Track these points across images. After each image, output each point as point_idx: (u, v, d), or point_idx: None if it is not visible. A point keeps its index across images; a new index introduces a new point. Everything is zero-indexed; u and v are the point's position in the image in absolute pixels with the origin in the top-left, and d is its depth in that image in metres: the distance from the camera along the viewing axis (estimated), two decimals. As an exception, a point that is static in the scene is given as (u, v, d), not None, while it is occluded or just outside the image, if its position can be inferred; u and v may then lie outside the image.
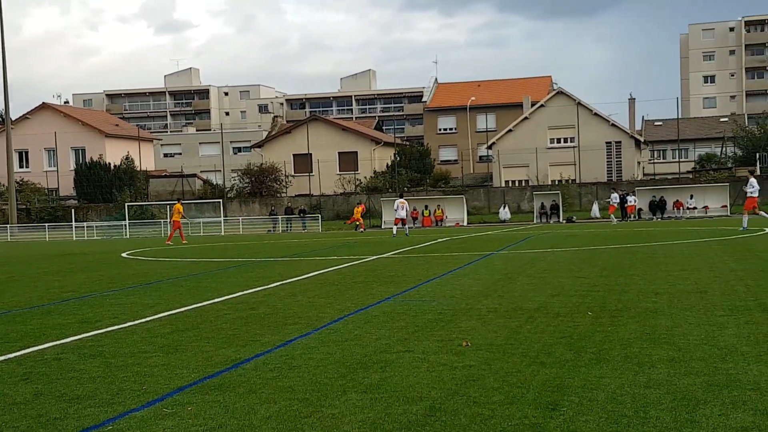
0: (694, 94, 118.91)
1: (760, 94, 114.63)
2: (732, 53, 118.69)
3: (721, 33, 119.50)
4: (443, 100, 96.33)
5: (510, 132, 75.33)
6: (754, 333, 8.44)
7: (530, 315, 10.36)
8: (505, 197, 64.81)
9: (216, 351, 8.70)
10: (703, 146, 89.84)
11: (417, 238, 35.71)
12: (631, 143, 74.71)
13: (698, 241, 24.93)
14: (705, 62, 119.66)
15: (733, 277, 13.67)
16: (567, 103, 74.36)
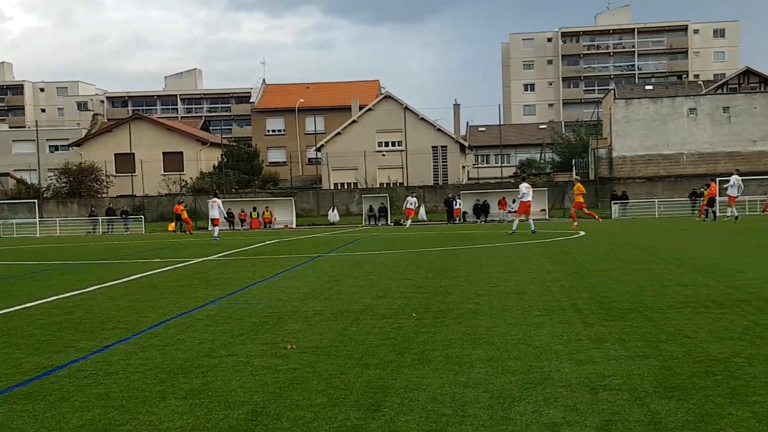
0: (515, 101, 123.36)
1: (575, 103, 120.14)
2: (550, 63, 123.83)
3: (539, 43, 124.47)
4: (271, 102, 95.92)
5: (339, 135, 75.84)
6: (567, 332, 8.78)
7: (356, 317, 10.42)
8: (334, 200, 65.20)
9: (26, 358, 8.29)
10: (523, 152, 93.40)
11: (245, 240, 35.35)
12: (456, 148, 76.70)
13: (519, 243, 25.80)
14: (525, 71, 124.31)
15: (550, 279, 14.21)
16: (394, 107, 75.56)
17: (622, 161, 67.43)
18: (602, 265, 16.43)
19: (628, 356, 7.41)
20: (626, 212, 56.33)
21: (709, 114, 66.66)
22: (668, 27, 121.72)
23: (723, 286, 12.22)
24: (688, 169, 65.70)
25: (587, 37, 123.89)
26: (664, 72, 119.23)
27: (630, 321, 9.36)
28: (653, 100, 68.44)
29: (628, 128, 67.30)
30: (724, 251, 19.39)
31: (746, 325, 8.81)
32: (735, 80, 77.02)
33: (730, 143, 66.30)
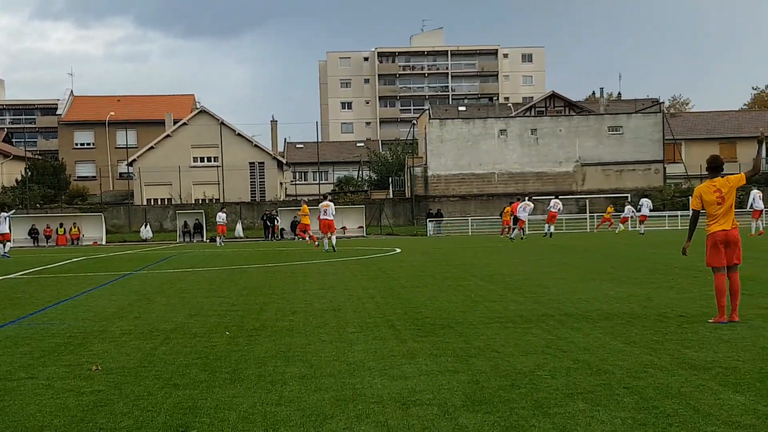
0: (333, 119, 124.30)
1: (392, 122, 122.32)
2: (367, 82, 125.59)
3: (356, 62, 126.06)
4: (80, 114, 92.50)
5: (152, 149, 74.05)
6: (380, 348, 8.86)
7: (166, 336, 10.14)
8: (147, 216, 63.54)
9: None
10: (341, 169, 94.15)
11: (50, 257, 33.84)
12: (274, 164, 76.48)
13: (335, 261, 25.93)
14: (342, 89, 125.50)
15: (365, 295, 14.34)
16: (210, 122, 74.58)
17: (437, 180, 69.19)
18: (416, 282, 16.74)
19: (438, 371, 7.54)
20: (441, 230, 57.78)
21: (518, 135, 69.47)
22: (480, 50, 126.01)
23: (530, 302, 12.69)
24: (499, 188, 68.16)
25: (403, 57, 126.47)
26: (476, 94, 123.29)
27: (441, 336, 9.55)
28: (466, 121, 70.68)
29: (442, 148, 69.15)
30: (532, 268, 20.17)
31: (550, 339, 9.17)
32: (542, 104, 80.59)
33: (537, 164, 69.29)
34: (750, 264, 19.32)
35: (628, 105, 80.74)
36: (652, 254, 24.15)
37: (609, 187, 67.49)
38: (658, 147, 69.74)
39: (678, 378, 7.02)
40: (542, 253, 26.52)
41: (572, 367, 7.55)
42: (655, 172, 69.06)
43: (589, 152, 69.43)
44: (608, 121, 70.45)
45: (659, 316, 10.73)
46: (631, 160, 69.37)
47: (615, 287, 14.58)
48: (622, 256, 23.61)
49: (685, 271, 17.53)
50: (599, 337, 9.25)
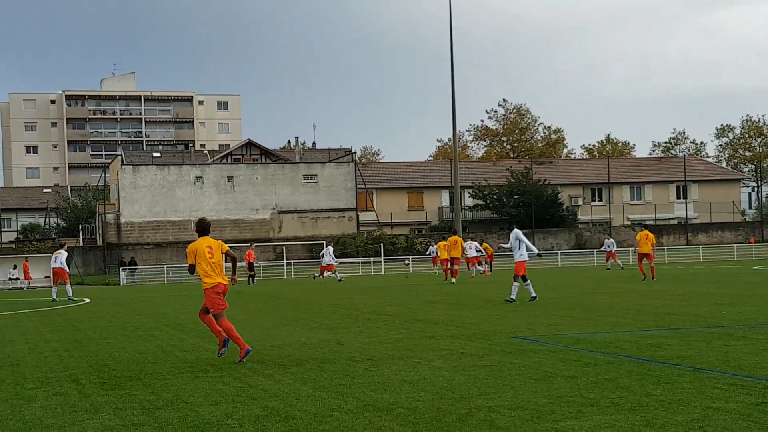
0: (17, 163, 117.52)
1: (83, 167, 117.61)
2: (54, 125, 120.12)
3: (42, 104, 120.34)
4: None
5: None
6: (62, 404, 8.43)
7: None
8: None
9: None
10: (26, 216, 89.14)
11: None
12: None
13: (16, 312, 24.40)
14: (27, 132, 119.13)
15: (48, 348, 13.61)
16: None
17: (131, 227, 67.31)
18: (105, 333, 16.13)
19: (123, 425, 7.30)
20: (135, 278, 56.10)
21: (215, 182, 69.32)
22: (175, 96, 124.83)
23: (221, 349, 12.60)
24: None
25: (93, 101, 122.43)
26: (171, 140, 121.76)
27: (129, 389, 9.25)
28: (161, 168, 69.51)
29: (136, 194, 67.49)
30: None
31: (241, 387, 9.16)
32: (239, 151, 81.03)
33: (234, 211, 69.44)
34: (432, 306, 20.50)
35: (322, 154, 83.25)
36: (344, 300, 24.87)
37: (305, 234, 68.98)
38: (351, 195, 72.36)
39: (363, 420, 7.26)
40: (238, 301, 26.50)
41: (262, 415, 7.59)
42: (349, 219, 71.51)
43: (285, 200, 70.67)
44: (303, 170, 72.19)
45: (348, 360, 11.06)
46: (327, 208, 71.42)
47: (308, 333, 14.87)
48: (315, 303, 24.14)
49: (375, 315, 18.24)
50: (290, 383, 9.37)
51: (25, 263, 52.56)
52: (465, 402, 7.92)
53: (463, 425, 6.97)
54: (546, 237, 72.12)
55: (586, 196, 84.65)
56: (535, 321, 15.59)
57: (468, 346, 12.12)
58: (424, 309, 19.78)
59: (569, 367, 9.85)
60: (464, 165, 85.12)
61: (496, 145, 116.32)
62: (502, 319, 16.18)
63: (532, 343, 12.19)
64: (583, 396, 8.02)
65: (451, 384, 8.94)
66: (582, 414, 7.25)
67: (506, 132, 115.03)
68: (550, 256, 58.93)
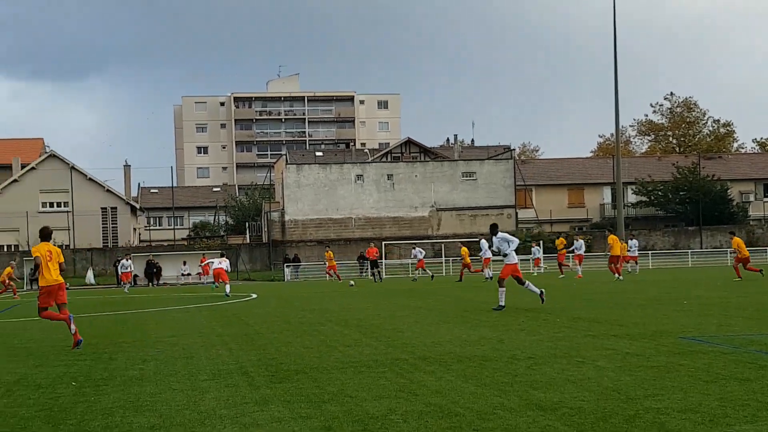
0: (189, 163, 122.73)
1: (249, 167, 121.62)
2: (223, 127, 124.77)
3: (212, 107, 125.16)
4: None
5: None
6: (233, 396, 8.75)
7: (8, 388, 9.73)
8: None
9: None
10: (197, 214, 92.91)
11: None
12: (127, 209, 74.76)
13: (190, 306, 25.49)
14: (198, 134, 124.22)
15: (219, 342, 14.14)
16: (60, 166, 72.42)
17: (294, 224, 69.13)
18: (271, 328, 16.63)
19: (291, 417, 7.51)
20: (298, 275, 57.57)
21: (375, 180, 70.33)
22: (336, 97, 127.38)
23: (384, 346, 12.79)
24: (356, 232, 68.69)
25: (259, 102, 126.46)
26: (333, 139, 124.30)
27: (295, 382, 9.51)
28: (323, 166, 71.09)
29: (300, 193, 69.27)
30: (387, 312, 20.33)
31: (403, 383, 9.26)
32: (398, 149, 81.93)
33: (393, 209, 70.25)
34: (593, 305, 20.12)
35: (480, 152, 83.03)
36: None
37: (464, 231, 68.99)
38: (509, 192, 71.88)
39: (526, 419, 7.21)
40: (398, 298, 26.80)
41: (424, 411, 7.65)
42: (507, 216, 71.04)
43: (443, 197, 70.92)
44: (462, 167, 72.24)
45: (510, 359, 10.99)
46: (485, 205, 71.21)
47: (468, 330, 14.87)
48: (474, 300, 24.11)
49: (535, 313, 18.06)
50: (451, 380, 9.41)
51: (203, 258, 54.99)
52: (632, 403, 7.74)
53: (630, 427, 6.81)
54: (714, 234, 69.50)
55: (758, 192, 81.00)
56: (705, 321, 15.06)
57: (633, 345, 11.83)
58: (586, 307, 19.45)
59: (742, 369, 9.47)
60: (627, 160, 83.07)
61: (662, 139, 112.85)
62: (668, 319, 15.70)
63: (701, 344, 11.78)
64: (759, 400, 7.69)
65: (616, 384, 8.75)
66: (758, 418, 6.96)
67: (672, 126, 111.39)
68: (718, 254, 56.74)
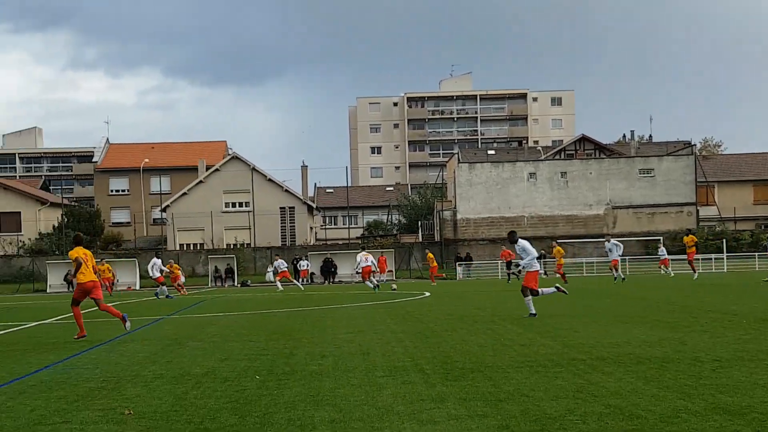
0: (363, 163, 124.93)
1: (421, 166, 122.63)
2: (396, 126, 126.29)
3: (386, 107, 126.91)
4: (115, 161, 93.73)
5: (185, 195, 74.76)
6: (409, 392, 8.86)
7: (198, 380, 10.21)
8: (180, 260, 63.90)
9: None
10: (371, 213, 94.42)
11: (84, 303, 34.06)
12: (305, 209, 76.86)
13: (364, 304, 25.94)
14: (372, 134, 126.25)
15: (394, 339, 14.34)
16: (242, 168, 75.23)
17: (466, 223, 69.18)
18: (445, 326, 16.71)
19: (468, 416, 7.53)
20: (470, 273, 57.58)
21: (548, 178, 69.42)
22: (509, 95, 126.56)
23: (560, 346, 12.63)
24: (528, 231, 67.95)
25: (432, 102, 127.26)
26: (505, 137, 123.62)
27: (471, 380, 9.53)
28: (495, 165, 70.78)
29: (472, 191, 69.23)
30: (561, 311, 20.03)
31: (580, 384, 9.12)
32: (572, 147, 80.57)
33: (567, 207, 69.13)
34: (784, 307, 19.13)
35: (659, 148, 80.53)
36: (683, 298, 23.92)
37: (641, 230, 67.13)
38: (690, 189, 69.32)
39: (713, 423, 6.96)
40: (570, 297, 26.35)
41: (604, 413, 7.51)
42: (687, 214, 68.56)
43: (619, 195, 69.19)
44: (639, 164, 70.22)
45: (693, 361, 10.63)
46: (663, 203, 68.98)
47: (647, 331, 14.47)
48: (651, 300, 23.42)
49: (719, 314, 17.38)
50: (631, 381, 9.19)
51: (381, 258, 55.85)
52: (826, 411, 7.34)
53: (824, 435, 6.46)
54: None
55: None
56: None
57: (827, 350, 11.20)
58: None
59: None
60: (819, 154, 78.55)
61: None
62: None
63: None
64: None
65: (809, 391, 8.32)
66: None
67: None
68: None
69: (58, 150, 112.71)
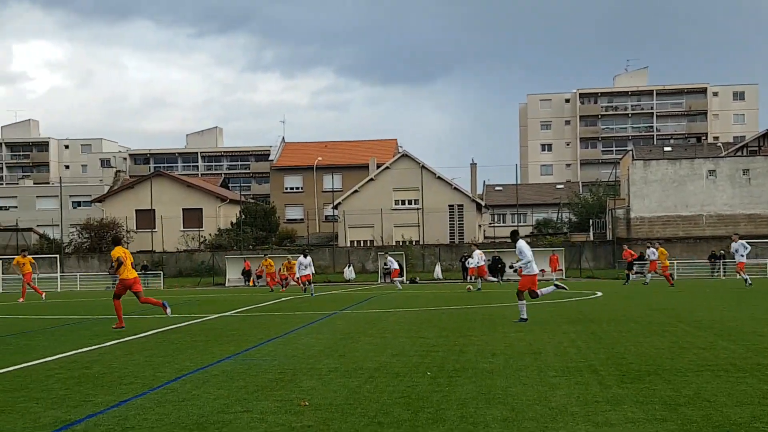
0: (533, 161, 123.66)
1: (593, 163, 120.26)
2: (568, 123, 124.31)
3: (557, 104, 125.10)
4: (290, 160, 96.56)
5: (356, 193, 76.13)
6: (583, 393, 8.72)
7: (370, 375, 10.39)
8: (350, 257, 65.23)
9: (45, 412, 8.30)
10: (540, 211, 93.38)
11: (261, 296, 35.32)
12: (473, 207, 76.77)
13: (534, 303, 25.64)
14: (543, 131, 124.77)
15: (566, 339, 14.13)
16: (411, 165, 75.89)
17: (640, 222, 67.28)
18: (619, 327, 16.33)
19: (646, 419, 7.34)
20: (645, 274, 55.86)
21: (728, 176, 66.57)
22: (687, 89, 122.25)
23: (743, 350, 12.10)
24: (707, 230, 65.44)
25: (605, 98, 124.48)
26: (683, 134, 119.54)
27: (648, 383, 9.28)
28: (672, 162, 68.50)
29: (646, 189, 67.27)
30: (743, 314, 19.21)
31: (766, 390, 8.72)
32: (755, 143, 77.03)
33: (749, 205, 66.09)
34: None
35: None
36: None
37: (831, 230, 63.37)
38: None
39: None
40: (753, 299, 25.20)
41: (791, 421, 7.15)
42: None
43: (807, 193, 65.53)
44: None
45: None
46: None
47: (837, 337, 13.66)
48: None
49: None
50: (821, 389, 8.71)
51: (553, 256, 55.35)
52: None
53: None
54: None
55: None
56: None
57: None
58: None
59: None
60: None
61: None
62: None
63: None
64: None
65: None
66: None
67: None
68: None
69: (237, 149, 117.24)
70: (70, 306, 31.31)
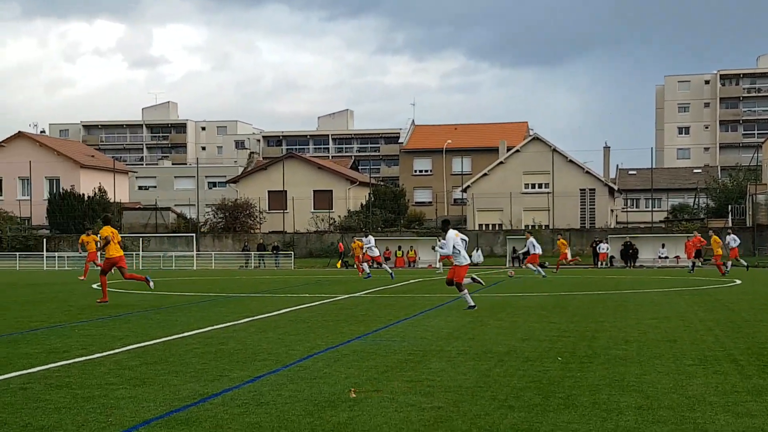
0: (669, 144, 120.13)
1: (733, 147, 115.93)
2: (707, 106, 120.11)
3: (696, 86, 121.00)
4: (419, 142, 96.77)
5: (485, 176, 75.72)
6: (722, 383, 8.46)
7: (500, 358, 10.35)
8: (479, 240, 64.95)
9: (183, 385, 8.62)
10: (676, 196, 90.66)
11: (388, 278, 35.62)
12: (605, 191, 75.28)
13: (669, 290, 25.05)
14: (680, 114, 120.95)
15: (703, 327, 13.74)
16: (542, 149, 74.93)
17: (784, 208, 64.57)
18: (760, 315, 15.77)
19: (788, 412, 7.08)
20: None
21: None
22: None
23: None
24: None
25: (748, 79, 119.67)
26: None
27: (791, 375, 8.94)
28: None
29: (790, 174, 64.48)
30: None
31: None
32: None
33: None
34: None
35: None
36: None
37: None
38: None
39: None
40: None
41: None
42: None
43: None
44: None
45: None
46: None
47: None
48: None
49: None
50: None
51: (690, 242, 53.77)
52: None
53: None
54: None
55: None
56: None
57: None
58: None
59: None
60: None
61: None
62: None
63: None
64: None
65: None
66: None
67: None
68: None
69: (367, 131, 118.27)
70: (205, 283, 32.31)
